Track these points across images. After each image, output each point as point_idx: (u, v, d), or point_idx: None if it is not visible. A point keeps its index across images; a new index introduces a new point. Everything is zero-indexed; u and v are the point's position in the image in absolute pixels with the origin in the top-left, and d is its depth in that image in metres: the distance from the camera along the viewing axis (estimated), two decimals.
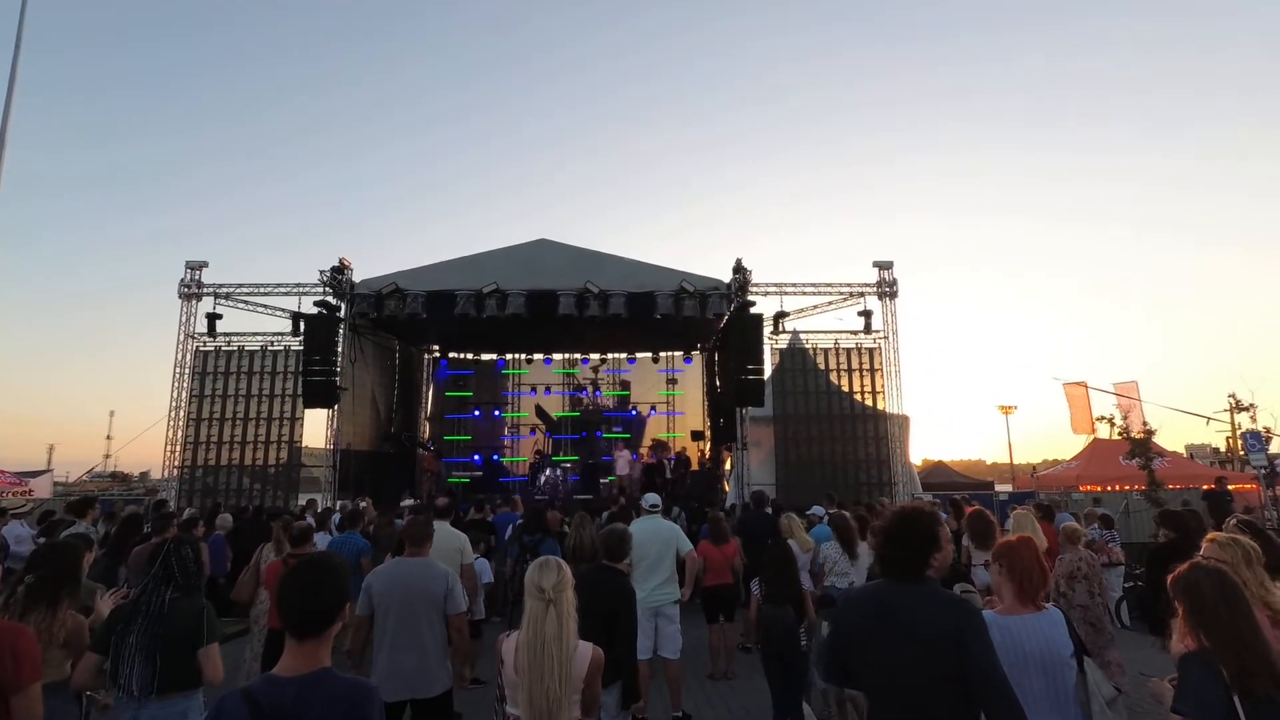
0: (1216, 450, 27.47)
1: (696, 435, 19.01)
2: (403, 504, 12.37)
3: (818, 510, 7.91)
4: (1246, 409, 14.01)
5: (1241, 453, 16.30)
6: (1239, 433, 14.83)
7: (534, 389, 20.86)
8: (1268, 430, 13.85)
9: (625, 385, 20.89)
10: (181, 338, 15.18)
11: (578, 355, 20.56)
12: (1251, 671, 2.02)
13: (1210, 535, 3.02)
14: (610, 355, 20.43)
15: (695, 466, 17.95)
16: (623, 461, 16.64)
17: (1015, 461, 31.51)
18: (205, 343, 15.27)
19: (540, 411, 20.40)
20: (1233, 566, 2.61)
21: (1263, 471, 13.68)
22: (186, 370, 15.07)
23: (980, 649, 2.14)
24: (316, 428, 15.23)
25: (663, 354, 20.07)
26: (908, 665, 2.20)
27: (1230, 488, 15.84)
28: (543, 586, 2.49)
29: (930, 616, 2.21)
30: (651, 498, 6.40)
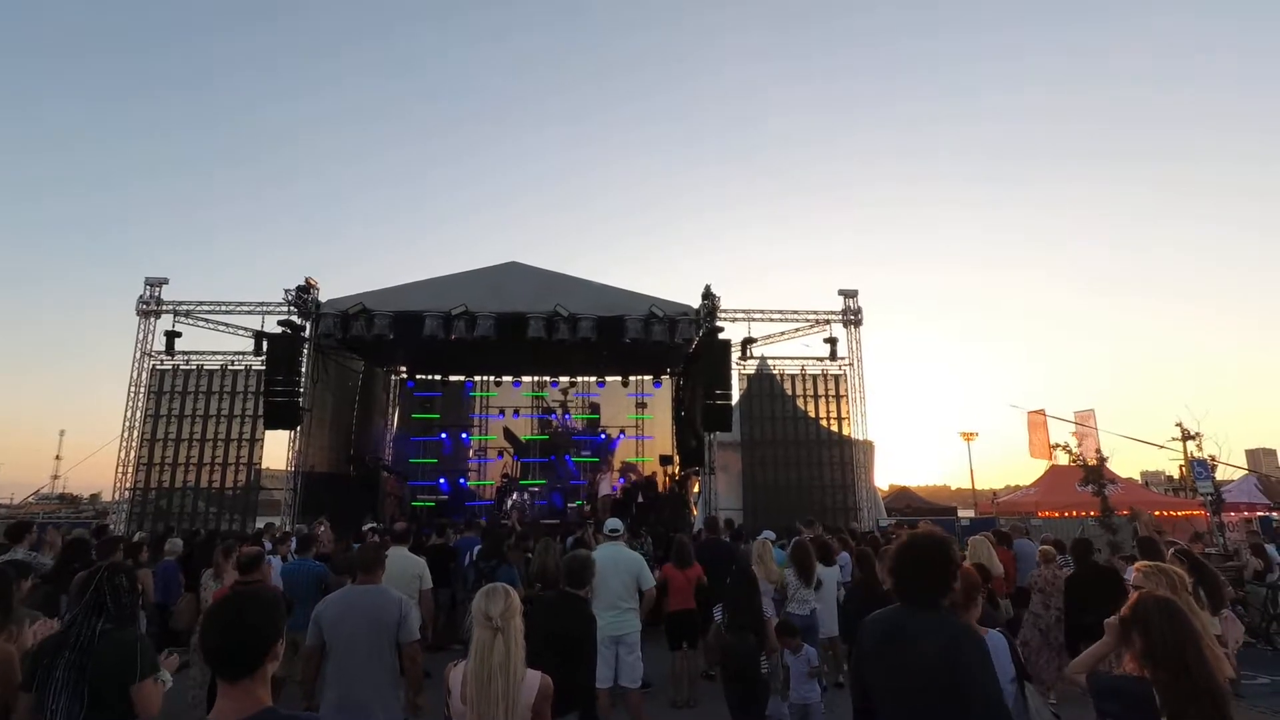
0: (1170, 478, 28.29)
1: (665, 459, 19.02)
2: (364, 528, 12.14)
3: (768, 534, 7.97)
4: (1193, 437, 14.53)
5: (1192, 483, 16.83)
6: (1189, 460, 15.35)
7: (502, 411, 20.70)
8: (1213, 459, 14.37)
9: (595, 408, 20.83)
10: (138, 355, 14.79)
11: (547, 378, 20.49)
12: (1192, 697, 2.08)
13: (1137, 565, 3.12)
14: (580, 379, 20.40)
15: (662, 490, 17.93)
16: (605, 485, 16.58)
17: (976, 487, 32.09)
18: (163, 361, 14.90)
19: (508, 434, 20.23)
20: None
21: (1209, 498, 14.14)
22: (142, 389, 14.67)
23: (975, 672, 2.19)
24: (277, 449, 14.92)
25: (632, 378, 20.10)
26: (911, 686, 2.25)
27: (1180, 514, 16.35)
28: (489, 614, 2.42)
29: (932, 640, 2.26)
30: (613, 522, 6.37)
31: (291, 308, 14.16)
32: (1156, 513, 14.41)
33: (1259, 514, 18.96)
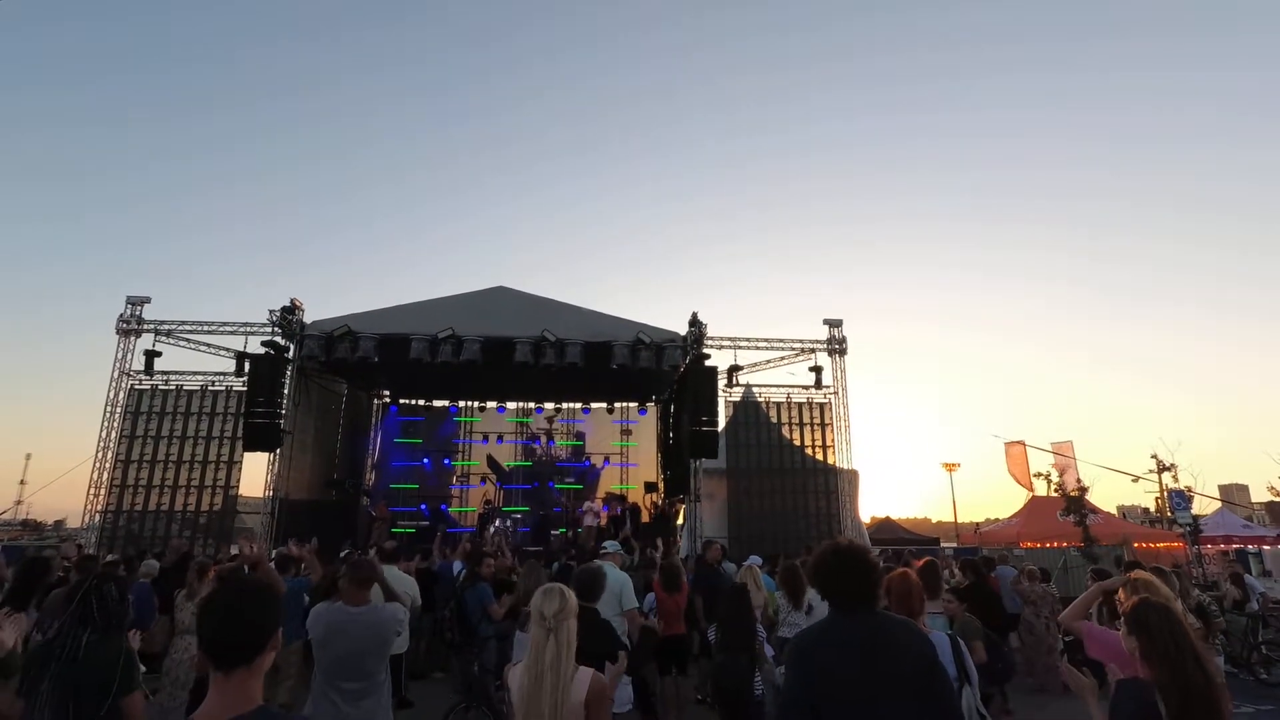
0: (1146, 510, 28.58)
1: (650, 487, 18.91)
2: (342, 554, 11.88)
3: (755, 560, 8.01)
4: (1169, 469, 14.75)
5: (1169, 513, 17.04)
6: (1165, 492, 15.57)
7: (486, 437, 20.50)
8: (1189, 489, 14.58)
9: (579, 436, 20.72)
10: (116, 375, 14.50)
11: (532, 404, 20.38)
12: (1191, 705, 2.12)
13: (1134, 574, 3.21)
14: (565, 405, 20.32)
15: (646, 518, 17.79)
16: (591, 515, 16.41)
17: (956, 519, 32.23)
18: (141, 380, 14.62)
19: (492, 461, 20.01)
20: None
21: (1188, 528, 14.32)
22: (119, 409, 14.36)
23: (945, 672, 2.34)
24: (255, 473, 14.62)
25: (617, 405, 20.06)
26: (891, 694, 2.20)
27: (1159, 545, 16.53)
28: (544, 613, 2.52)
29: (911, 645, 2.28)
30: (610, 544, 6.36)
31: (276, 328, 14.00)
32: (1137, 544, 14.54)
33: (1235, 546, 19.20)
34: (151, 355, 14.65)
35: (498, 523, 17.25)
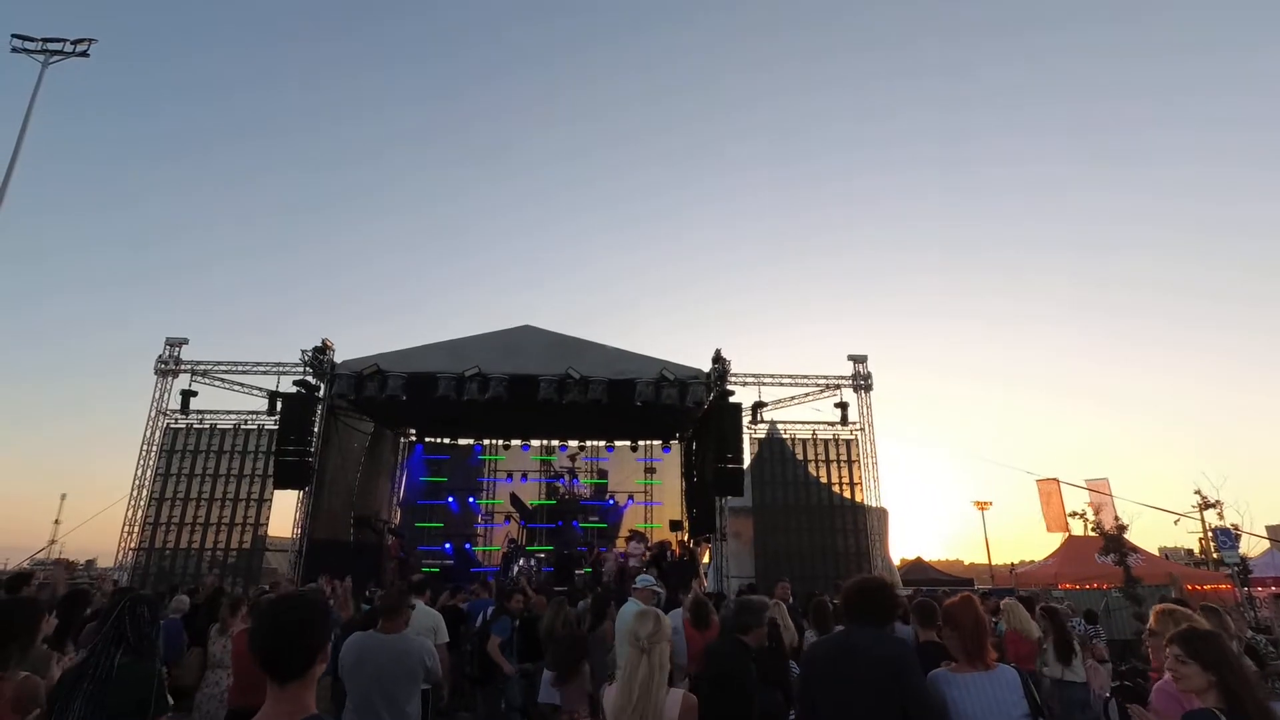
0: (1190, 551, 27.52)
1: (675, 525, 18.73)
2: (367, 593, 11.89)
3: None
4: (1213, 505, 14.20)
5: (1216, 554, 16.38)
6: (1210, 530, 15.00)
7: (510, 475, 20.55)
8: (1236, 527, 14.02)
9: (603, 474, 20.69)
10: (153, 414, 14.90)
11: (555, 442, 20.44)
12: None
13: (1155, 609, 3.19)
14: (589, 443, 20.34)
15: (673, 557, 17.57)
16: (635, 558, 16.26)
17: (989, 560, 31.31)
18: (176, 419, 14.99)
19: (515, 500, 20.02)
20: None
21: (1235, 569, 13.74)
22: (155, 448, 14.70)
23: (912, 674, 2.62)
24: (283, 511, 14.77)
25: (641, 442, 20.03)
26: (860, 689, 2.62)
27: (1205, 587, 15.87)
28: (639, 635, 2.66)
29: (879, 649, 2.69)
30: (644, 579, 6.34)
31: (307, 368, 14.34)
32: (1186, 586, 13.98)
33: None
34: (188, 395, 15.04)
35: (521, 561, 17.18)
